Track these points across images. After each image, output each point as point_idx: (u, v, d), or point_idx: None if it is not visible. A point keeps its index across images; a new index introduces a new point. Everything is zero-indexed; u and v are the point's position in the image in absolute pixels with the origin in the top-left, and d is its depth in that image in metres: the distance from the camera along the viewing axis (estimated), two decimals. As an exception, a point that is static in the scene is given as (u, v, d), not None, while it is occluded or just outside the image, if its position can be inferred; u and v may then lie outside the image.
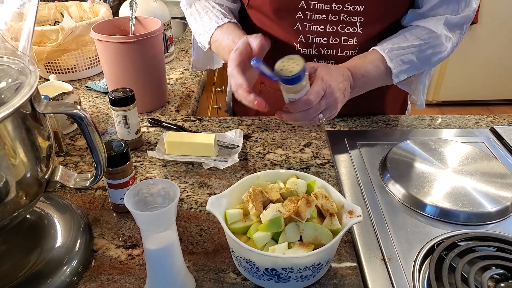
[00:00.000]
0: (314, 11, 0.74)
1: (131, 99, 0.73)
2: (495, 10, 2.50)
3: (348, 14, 0.73)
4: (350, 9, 0.73)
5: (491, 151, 0.74)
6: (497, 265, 0.50)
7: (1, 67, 0.43)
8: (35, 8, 0.44)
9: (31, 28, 0.44)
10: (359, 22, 0.74)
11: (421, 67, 0.76)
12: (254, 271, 0.49)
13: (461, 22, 0.75)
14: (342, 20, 0.74)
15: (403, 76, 0.75)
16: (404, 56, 0.73)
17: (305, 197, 0.50)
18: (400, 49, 0.73)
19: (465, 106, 2.88)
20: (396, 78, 0.74)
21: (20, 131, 0.42)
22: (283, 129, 0.83)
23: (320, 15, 0.74)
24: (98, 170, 0.50)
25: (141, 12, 1.04)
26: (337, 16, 0.74)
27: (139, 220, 0.43)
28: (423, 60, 0.75)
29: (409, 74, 0.76)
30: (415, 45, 0.73)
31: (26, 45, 0.44)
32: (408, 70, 0.75)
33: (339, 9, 0.73)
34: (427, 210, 0.60)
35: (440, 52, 0.75)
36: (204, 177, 0.70)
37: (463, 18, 0.75)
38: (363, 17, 0.73)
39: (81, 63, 1.05)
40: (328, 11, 0.74)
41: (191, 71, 1.12)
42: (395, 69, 0.73)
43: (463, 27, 0.77)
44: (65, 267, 0.51)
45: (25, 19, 0.44)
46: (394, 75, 0.74)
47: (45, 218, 0.58)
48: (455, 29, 0.76)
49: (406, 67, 0.74)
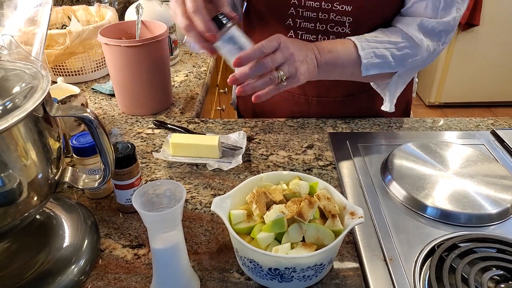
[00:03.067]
0: (305, 8, 0.76)
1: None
2: (496, 12, 2.50)
3: (337, 13, 0.74)
4: (339, 8, 0.74)
5: (491, 154, 0.75)
6: (497, 266, 0.51)
7: (15, 72, 0.44)
8: (48, 14, 0.45)
9: (44, 34, 0.45)
10: (348, 22, 0.75)
11: (394, 66, 0.73)
12: (257, 271, 0.50)
13: (439, 29, 0.73)
14: (332, 19, 0.76)
15: (373, 71, 0.73)
16: (377, 50, 0.71)
17: (307, 199, 0.51)
18: (375, 42, 0.72)
19: (467, 108, 2.88)
20: (365, 70, 0.72)
21: (33, 134, 0.44)
22: (286, 131, 0.84)
23: (311, 13, 0.76)
24: (106, 171, 0.52)
25: (146, 16, 1.06)
26: (327, 14, 0.75)
27: (147, 220, 0.44)
28: (398, 59, 0.73)
29: (380, 70, 0.73)
30: (391, 41, 0.72)
31: (39, 51, 0.45)
32: (380, 66, 0.72)
33: (328, 8, 0.74)
34: (428, 211, 0.61)
35: (416, 55, 0.73)
36: (208, 178, 0.71)
37: (441, 24, 0.72)
38: (351, 17, 0.74)
39: (87, 65, 1.06)
40: (318, 9, 0.75)
41: (196, 74, 1.13)
42: (365, 60, 0.70)
43: (441, 34, 0.74)
44: (73, 266, 0.53)
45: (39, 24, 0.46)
46: (364, 66, 0.71)
47: (53, 218, 0.59)
48: (432, 36, 0.74)
49: (377, 61, 0.72)
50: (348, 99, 0.88)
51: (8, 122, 0.39)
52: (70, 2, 1.65)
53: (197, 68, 1.17)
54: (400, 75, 0.78)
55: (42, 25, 0.45)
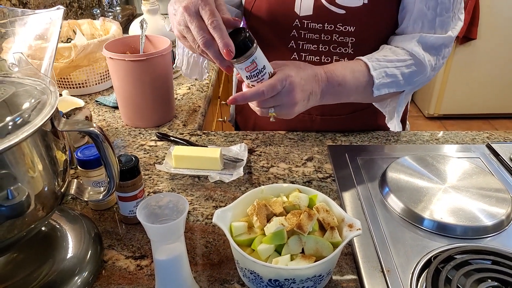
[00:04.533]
0: (307, 30, 0.76)
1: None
2: (493, 26, 2.55)
3: (340, 34, 0.75)
4: (342, 29, 0.75)
5: (487, 167, 0.76)
6: (492, 278, 0.52)
7: (25, 88, 0.46)
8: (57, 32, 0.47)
9: (53, 51, 0.47)
10: (351, 43, 0.76)
11: (403, 85, 0.75)
12: (258, 282, 0.51)
13: (438, 43, 0.74)
14: (334, 40, 0.76)
15: (384, 91, 0.73)
16: (388, 69, 0.72)
17: (307, 211, 0.53)
18: (386, 61, 0.72)
19: (466, 120, 2.91)
20: (377, 90, 0.72)
21: (41, 148, 0.45)
22: (286, 144, 0.86)
23: (314, 34, 0.76)
24: (111, 184, 0.53)
25: (150, 31, 1.08)
26: (329, 36, 0.76)
27: (151, 232, 0.45)
28: (407, 77, 0.73)
29: (390, 89, 0.74)
30: (400, 60, 0.72)
31: (48, 67, 0.47)
32: (390, 85, 0.73)
33: (331, 29, 0.75)
34: (424, 224, 0.62)
35: (421, 72, 0.74)
36: (210, 190, 0.72)
37: (440, 39, 0.74)
38: (354, 38, 0.75)
39: (91, 78, 1.09)
40: (321, 31, 0.76)
41: (198, 87, 1.16)
42: (377, 80, 0.71)
43: (441, 48, 0.75)
44: (77, 277, 0.53)
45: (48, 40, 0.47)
46: (375, 87, 0.71)
47: (57, 230, 0.60)
48: (432, 50, 0.75)
49: (388, 80, 0.72)
50: (350, 115, 0.89)
51: (18, 137, 0.41)
52: (75, 15, 1.69)
53: (199, 81, 1.19)
54: (406, 94, 0.78)
55: (52, 41, 0.47)
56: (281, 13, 0.77)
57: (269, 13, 0.78)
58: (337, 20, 0.74)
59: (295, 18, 0.76)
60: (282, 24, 0.78)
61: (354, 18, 0.74)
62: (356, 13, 0.73)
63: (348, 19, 0.74)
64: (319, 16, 0.75)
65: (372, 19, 0.74)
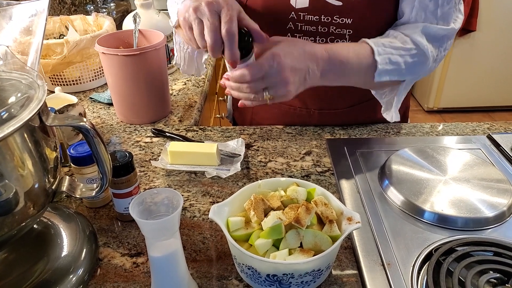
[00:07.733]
0: (304, 22, 0.75)
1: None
2: (492, 18, 2.53)
3: (337, 26, 0.74)
4: (339, 21, 0.73)
5: (488, 158, 0.75)
6: (494, 269, 0.51)
7: (11, 82, 0.44)
8: (43, 23, 0.46)
9: (40, 44, 0.46)
10: (348, 35, 0.75)
11: (404, 74, 0.73)
12: (256, 277, 0.50)
13: (441, 34, 0.73)
14: (332, 32, 0.75)
15: (385, 77, 0.71)
16: (392, 56, 0.70)
17: (305, 205, 0.52)
18: (391, 48, 0.70)
19: (465, 113, 2.90)
20: (378, 76, 0.70)
21: (29, 144, 0.44)
22: (284, 138, 0.85)
23: (310, 27, 0.75)
24: (104, 180, 0.52)
25: (144, 25, 1.07)
26: (327, 28, 0.75)
27: (144, 228, 0.44)
28: (409, 66, 0.72)
29: (391, 77, 0.71)
30: (405, 48, 0.71)
31: (34, 61, 0.46)
32: (392, 73, 0.71)
33: (328, 21, 0.74)
34: (425, 216, 0.61)
35: (423, 62, 0.73)
36: (207, 186, 0.71)
37: (443, 30, 0.73)
38: (352, 29, 0.74)
39: (85, 75, 1.07)
40: (318, 23, 0.75)
41: (194, 82, 1.14)
42: (380, 66, 0.69)
43: (443, 40, 0.74)
44: (71, 275, 0.53)
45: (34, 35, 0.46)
46: (378, 72, 0.69)
47: (51, 228, 0.59)
48: (435, 41, 0.73)
49: (391, 67, 0.70)
50: (349, 109, 0.88)
51: (4, 132, 0.40)
52: (68, 11, 1.67)
53: (195, 76, 1.18)
54: (407, 84, 0.77)
55: (38, 34, 0.46)
56: (277, 5, 0.76)
57: (264, 6, 0.77)
58: (333, 12, 0.73)
59: (291, 11, 0.75)
60: (278, 16, 0.77)
61: (351, 10, 0.73)
62: (353, 5, 0.72)
63: (345, 11, 0.73)
64: (315, 8, 0.74)
65: (369, 11, 0.73)
